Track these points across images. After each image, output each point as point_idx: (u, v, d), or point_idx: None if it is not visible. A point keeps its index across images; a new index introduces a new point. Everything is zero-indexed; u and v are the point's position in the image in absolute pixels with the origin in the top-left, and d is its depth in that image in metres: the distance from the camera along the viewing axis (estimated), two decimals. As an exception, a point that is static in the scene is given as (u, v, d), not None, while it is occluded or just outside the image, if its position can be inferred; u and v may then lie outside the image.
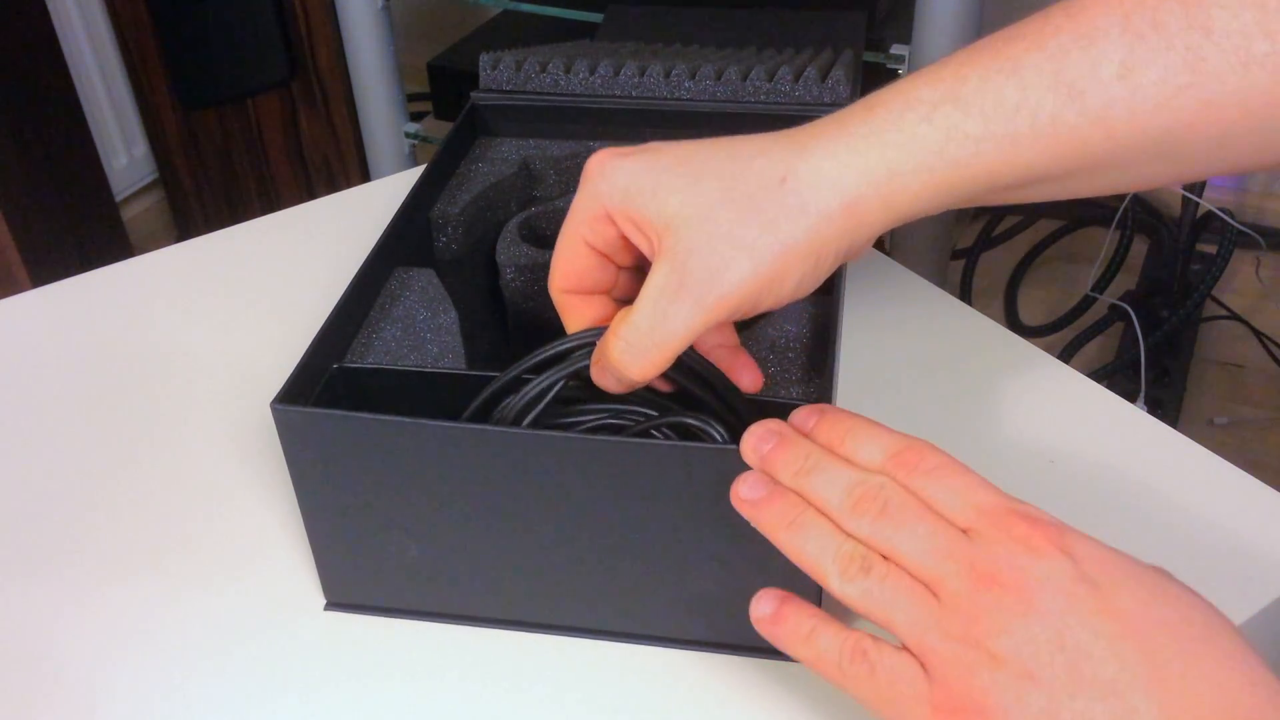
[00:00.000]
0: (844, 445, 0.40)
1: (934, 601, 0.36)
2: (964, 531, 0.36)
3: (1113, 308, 1.53)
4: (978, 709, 0.34)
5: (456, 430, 0.44)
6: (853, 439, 0.40)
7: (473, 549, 0.47)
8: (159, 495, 0.57)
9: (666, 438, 0.45)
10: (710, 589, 0.46)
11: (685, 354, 0.44)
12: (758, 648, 0.48)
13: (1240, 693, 0.33)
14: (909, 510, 0.37)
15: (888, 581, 0.36)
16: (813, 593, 0.46)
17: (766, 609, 0.39)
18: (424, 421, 0.44)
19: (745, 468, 0.41)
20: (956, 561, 0.36)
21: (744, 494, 0.40)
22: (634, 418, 0.46)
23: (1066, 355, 1.52)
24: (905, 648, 0.37)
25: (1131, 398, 1.20)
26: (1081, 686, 0.33)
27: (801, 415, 0.41)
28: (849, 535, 0.38)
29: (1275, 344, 1.52)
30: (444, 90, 1.46)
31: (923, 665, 0.36)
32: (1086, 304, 1.58)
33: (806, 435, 0.41)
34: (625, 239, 0.44)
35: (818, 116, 0.68)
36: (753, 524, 0.40)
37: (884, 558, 0.37)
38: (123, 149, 1.86)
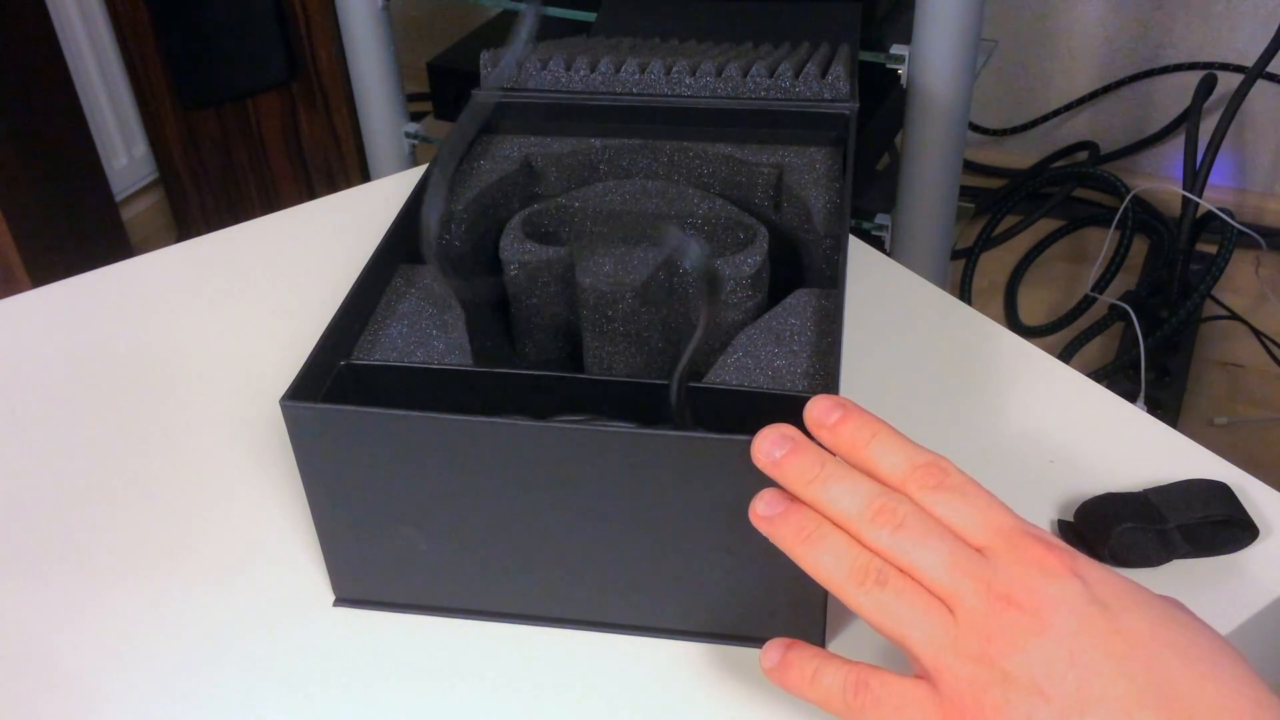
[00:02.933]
0: (868, 448, 0.40)
1: (949, 618, 0.36)
2: (979, 550, 0.37)
3: (1113, 308, 1.53)
4: None
5: (467, 424, 0.44)
6: (878, 444, 0.40)
7: (482, 543, 0.47)
8: (163, 494, 0.57)
9: None
10: (721, 581, 0.46)
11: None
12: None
13: (1245, 714, 0.33)
14: (927, 526, 0.37)
15: (904, 597, 0.37)
16: (819, 592, 0.46)
17: (774, 658, 0.40)
18: (435, 415, 0.44)
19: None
20: (974, 579, 0.36)
21: (761, 510, 0.40)
22: None
23: (1066, 355, 1.52)
24: (915, 667, 0.37)
25: (1131, 398, 1.21)
26: (1090, 704, 0.34)
27: (823, 407, 0.41)
28: (865, 547, 0.38)
29: (1275, 344, 1.52)
30: (444, 90, 1.46)
31: (933, 683, 0.36)
32: (1086, 304, 1.58)
33: (828, 429, 0.41)
34: None
35: (819, 114, 0.69)
36: (770, 539, 0.40)
37: (900, 572, 0.37)
38: (123, 149, 1.86)
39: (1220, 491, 0.51)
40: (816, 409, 0.41)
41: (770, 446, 0.40)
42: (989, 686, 0.35)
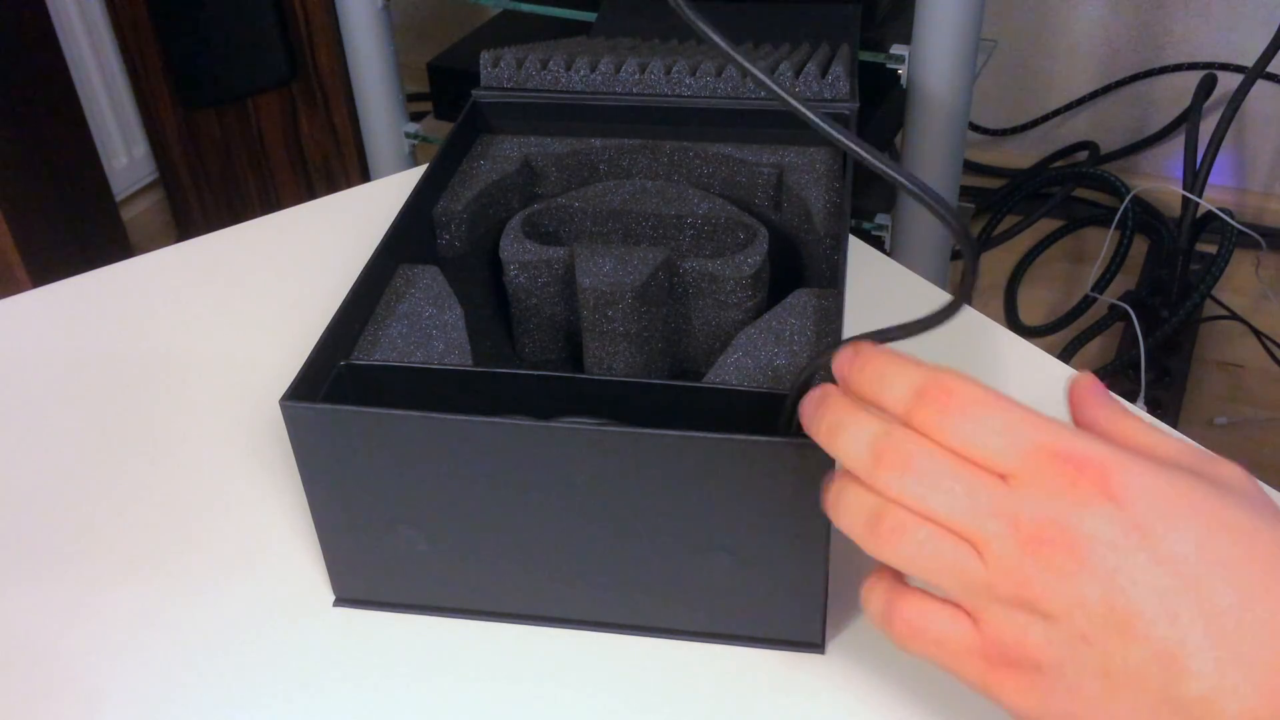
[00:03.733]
0: (872, 383, 0.37)
1: (978, 563, 0.34)
2: (1002, 477, 0.34)
3: (1113, 308, 1.53)
4: (1033, 664, 0.34)
5: (467, 424, 0.44)
6: (874, 374, 0.37)
7: (482, 543, 0.47)
8: (162, 494, 0.57)
9: None
10: (721, 581, 0.46)
11: None
12: (771, 640, 0.48)
13: None
14: (936, 463, 0.34)
15: (926, 545, 0.34)
16: (820, 592, 0.46)
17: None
18: (435, 415, 0.44)
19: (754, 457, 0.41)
20: (998, 519, 0.33)
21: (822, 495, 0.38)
22: None
23: (1066, 355, 1.52)
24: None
25: (1131, 398, 1.21)
26: (1134, 644, 0.32)
27: (843, 357, 0.38)
28: (879, 495, 0.35)
29: (1275, 344, 1.52)
30: (444, 90, 1.46)
31: (974, 620, 0.35)
32: (1086, 304, 1.58)
33: (843, 380, 0.38)
34: None
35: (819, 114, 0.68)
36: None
37: (920, 517, 0.35)
38: (123, 149, 1.86)
39: None
40: (837, 362, 0.39)
41: (809, 409, 0.39)
42: (1029, 627, 0.33)
